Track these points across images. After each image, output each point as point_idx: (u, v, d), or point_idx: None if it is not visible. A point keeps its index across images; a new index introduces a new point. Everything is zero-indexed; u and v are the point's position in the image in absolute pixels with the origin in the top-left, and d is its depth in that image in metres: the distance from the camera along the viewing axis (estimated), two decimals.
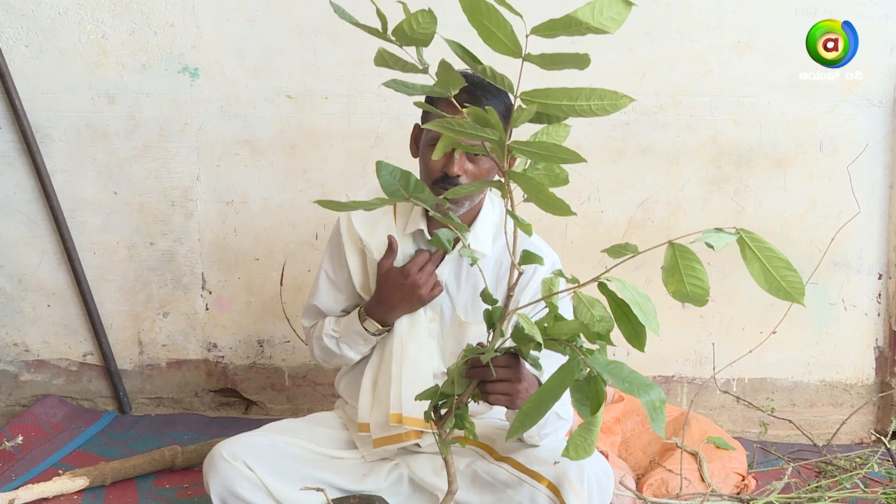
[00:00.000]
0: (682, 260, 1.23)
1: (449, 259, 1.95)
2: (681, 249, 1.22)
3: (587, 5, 1.03)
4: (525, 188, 1.31)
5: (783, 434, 2.63)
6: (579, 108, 1.17)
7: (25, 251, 2.81)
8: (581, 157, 1.21)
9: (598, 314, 1.35)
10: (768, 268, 1.21)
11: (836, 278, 2.71)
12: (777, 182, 2.69)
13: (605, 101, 1.15)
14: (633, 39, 2.62)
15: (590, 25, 1.03)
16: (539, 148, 1.25)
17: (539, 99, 1.19)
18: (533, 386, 1.67)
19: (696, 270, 1.22)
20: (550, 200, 1.27)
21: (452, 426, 1.56)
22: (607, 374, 1.27)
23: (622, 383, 1.24)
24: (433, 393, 1.58)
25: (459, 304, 1.96)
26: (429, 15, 1.17)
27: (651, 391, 1.23)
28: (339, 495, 1.88)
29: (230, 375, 2.85)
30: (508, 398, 1.62)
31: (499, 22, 1.10)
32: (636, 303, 1.27)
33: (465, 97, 1.78)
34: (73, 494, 2.21)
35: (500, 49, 1.12)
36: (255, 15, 2.68)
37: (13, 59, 2.70)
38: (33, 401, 2.84)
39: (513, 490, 1.80)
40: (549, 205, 1.28)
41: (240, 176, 2.75)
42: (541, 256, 1.45)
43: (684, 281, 1.23)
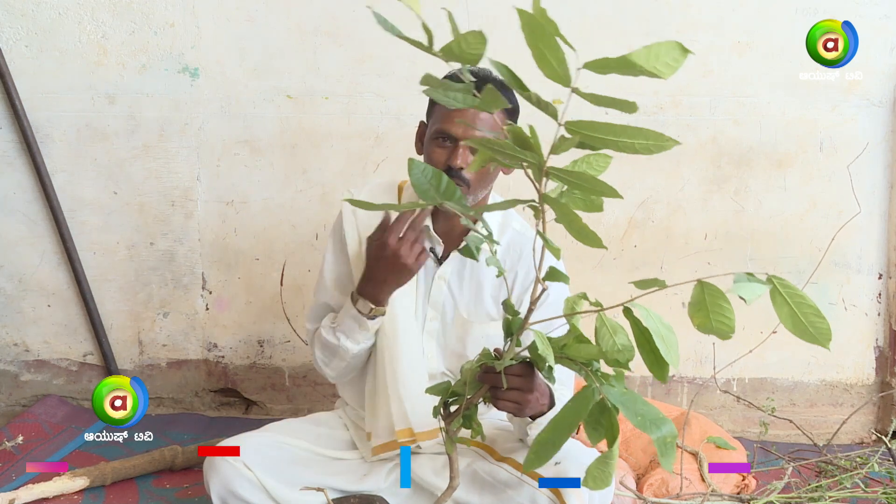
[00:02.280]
0: (709, 297, 1.23)
1: (453, 257, 1.94)
2: (709, 288, 1.22)
3: (644, 49, 1.02)
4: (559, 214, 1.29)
5: (783, 434, 2.63)
6: (622, 144, 1.16)
7: (25, 251, 2.81)
8: (618, 194, 1.20)
9: (621, 342, 1.34)
10: (797, 313, 1.23)
11: (837, 278, 2.71)
12: (777, 182, 2.69)
13: (649, 142, 1.15)
14: (632, 39, 2.60)
15: (643, 69, 1.03)
16: (578, 178, 1.23)
17: (584, 130, 1.17)
18: (544, 396, 1.67)
19: (724, 308, 1.22)
20: (584, 231, 1.26)
21: (460, 425, 1.56)
22: (621, 406, 1.27)
23: (635, 417, 1.25)
24: (444, 389, 1.58)
25: (462, 303, 1.95)
26: (478, 36, 1.15)
27: (663, 427, 1.23)
28: (339, 495, 1.88)
29: (230, 375, 2.85)
30: (517, 406, 1.61)
31: (554, 49, 1.09)
32: (660, 334, 1.27)
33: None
34: (73, 494, 2.21)
35: (551, 75, 1.11)
36: (255, 15, 2.68)
37: (13, 58, 2.69)
38: (33, 401, 2.84)
39: (513, 490, 1.79)
40: (582, 234, 1.27)
41: (240, 176, 2.75)
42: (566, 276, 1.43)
43: (710, 317, 1.23)
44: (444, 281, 1.95)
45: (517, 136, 1.23)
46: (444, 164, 1.81)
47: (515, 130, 1.24)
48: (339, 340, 1.90)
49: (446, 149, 1.82)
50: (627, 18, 2.61)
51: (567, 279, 1.42)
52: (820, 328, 1.24)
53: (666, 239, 2.72)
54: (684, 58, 1.03)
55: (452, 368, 1.96)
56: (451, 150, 1.81)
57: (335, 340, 1.91)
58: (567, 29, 1.11)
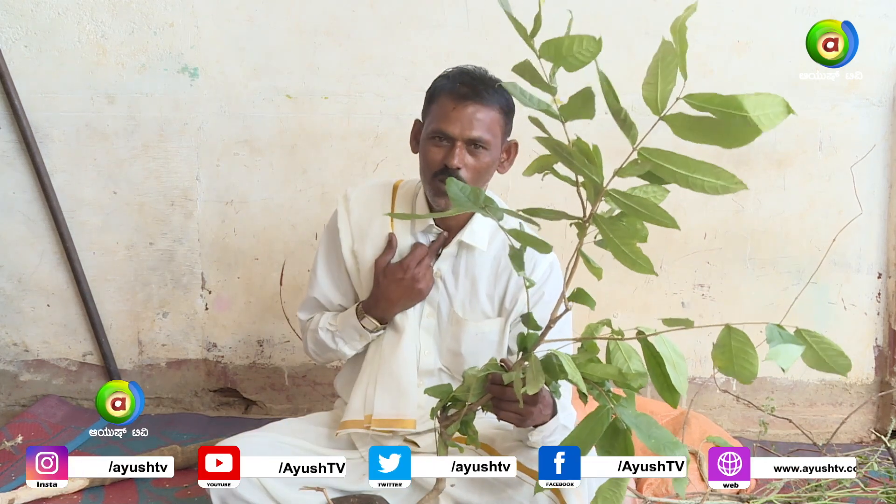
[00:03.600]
0: (735, 342, 1.23)
1: (447, 254, 1.95)
2: (736, 333, 1.22)
3: (753, 96, 1.01)
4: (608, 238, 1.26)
5: (783, 433, 2.63)
6: (692, 180, 1.14)
7: (25, 251, 2.81)
8: (676, 224, 1.19)
9: (635, 368, 1.34)
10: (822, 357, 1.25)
11: (836, 277, 2.71)
12: (777, 182, 2.69)
13: (719, 182, 1.13)
14: (632, 39, 2.62)
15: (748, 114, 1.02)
16: (640, 204, 1.21)
17: (657, 159, 1.15)
18: (548, 408, 1.68)
19: (748, 354, 1.23)
20: (634, 255, 1.25)
21: (456, 429, 1.56)
22: (635, 428, 1.28)
23: (649, 439, 1.25)
24: (445, 392, 1.58)
25: (457, 301, 1.95)
26: (595, 43, 1.12)
27: (677, 450, 1.24)
28: (339, 495, 1.88)
29: (230, 375, 2.85)
30: (520, 418, 1.63)
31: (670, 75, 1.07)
32: (672, 361, 1.28)
33: (466, 90, 1.80)
34: (73, 494, 2.22)
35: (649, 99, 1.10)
36: (255, 15, 2.68)
37: (12, 58, 2.69)
38: (33, 401, 2.84)
39: (513, 490, 1.80)
40: (631, 260, 1.26)
41: (239, 176, 2.75)
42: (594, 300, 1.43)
43: (733, 361, 1.23)
44: (440, 277, 1.95)
45: (583, 151, 1.21)
46: (440, 164, 1.82)
47: (582, 145, 1.22)
48: (338, 345, 1.98)
49: (443, 148, 1.83)
50: (627, 18, 2.61)
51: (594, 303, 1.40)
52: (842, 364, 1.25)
53: (665, 238, 2.72)
54: (785, 116, 1.02)
55: (448, 365, 1.97)
56: (449, 150, 1.82)
57: (333, 345, 1.99)
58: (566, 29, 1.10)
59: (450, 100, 1.82)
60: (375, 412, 1.89)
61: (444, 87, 1.85)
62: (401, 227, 1.96)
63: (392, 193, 2.02)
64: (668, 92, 1.07)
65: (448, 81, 1.86)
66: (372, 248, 1.95)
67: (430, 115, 1.87)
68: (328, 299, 2.05)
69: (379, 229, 1.96)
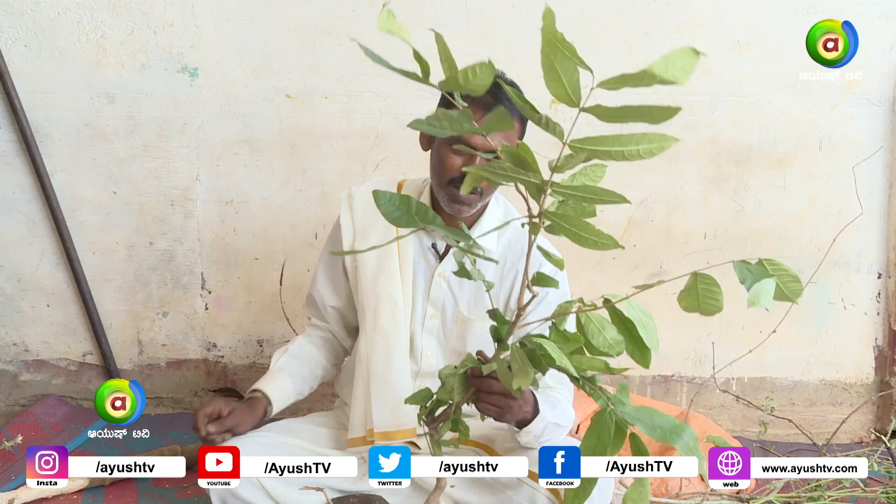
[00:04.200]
0: (701, 286, 1.25)
1: (452, 254, 1.95)
2: (703, 278, 1.25)
3: (661, 60, 1.02)
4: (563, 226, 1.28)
5: (783, 433, 2.63)
6: (628, 153, 1.16)
7: (25, 251, 2.81)
8: (625, 199, 1.21)
9: (612, 337, 1.34)
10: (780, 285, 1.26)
11: (836, 277, 2.71)
12: (776, 181, 2.69)
13: (652, 145, 1.15)
14: (632, 39, 2.62)
15: (662, 78, 1.02)
16: (583, 191, 1.24)
17: (589, 146, 1.17)
18: (528, 404, 1.68)
19: (714, 293, 1.26)
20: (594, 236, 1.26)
21: (447, 429, 1.57)
22: (638, 423, 1.28)
23: (653, 431, 1.26)
24: (424, 397, 1.59)
25: (462, 301, 1.95)
26: (487, 68, 1.15)
27: (684, 434, 1.25)
28: (339, 495, 1.88)
29: (230, 375, 2.85)
30: (499, 411, 1.63)
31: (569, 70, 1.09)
32: (641, 322, 1.28)
33: (488, 98, 1.77)
34: (73, 494, 2.21)
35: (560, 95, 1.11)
36: (255, 15, 2.68)
37: (12, 58, 2.69)
38: (33, 400, 2.84)
39: (512, 491, 1.80)
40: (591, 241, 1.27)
41: (239, 176, 2.75)
42: (556, 280, 1.44)
43: (699, 300, 1.25)
44: (444, 278, 1.95)
45: (515, 158, 1.23)
46: (458, 171, 1.81)
47: (512, 152, 1.24)
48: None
49: (462, 157, 1.81)
50: (627, 18, 2.61)
51: (556, 284, 1.42)
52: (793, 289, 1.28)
53: (665, 238, 2.72)
54: (697, 60, 1.03)
55: None
56: (468, 159, 1.80)
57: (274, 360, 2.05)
58: (566, 28, 1.11)
59: (473, 110, 1.80)
60: (375, 425, 1.89)
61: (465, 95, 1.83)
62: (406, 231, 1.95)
63: (397, 192, 2.01)
64: (575, 83, 1.09)
65: None
66: (372, 253, 1.95)
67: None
68: (322, 299, 2.06)
69: (383, 228, 1.95)
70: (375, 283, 1.94)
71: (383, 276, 1.93)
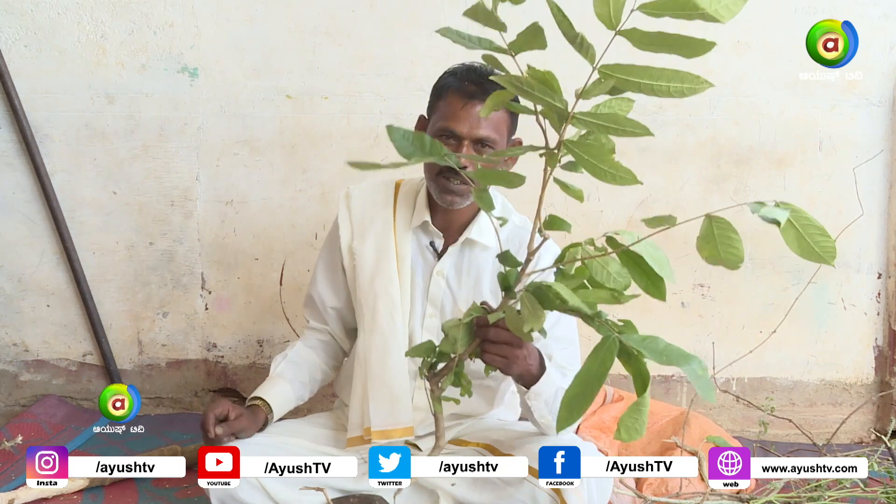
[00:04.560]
0: (717, 230, 1.23)
1: (451, 251, 1.95)
2: (717, 221, 1.22)
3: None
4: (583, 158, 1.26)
5: (783, 433, 2.63)
6: (658, 87, 1.14)
7: (25, 251, 2.81)
8: (649, 131, 1.19)
9: (615, 270, 1.33)
10: (803, 235, 1.23)
11: (836, 277, 2.71)
12: (776, 181, 2.69)
13: (684, 84, 1.13)
14: None
15: (705, 11, 1.01)
16: (607, 120, 1.22)
17: (619, 74, 1.15)
18: (532, 356, 1.68)
19: (732, 240, 1.23)
20: (613, 168, 1.24)
21: (449, 383, 1.56)
22: (645, 350, 1.26)
23: (660, 356, 1.24)
24: (428, 349, 1.58)
25: (461, 298, 1.95)
26: None
27: (691, 361, 1.23)
28: (339, 495, 1.88)
29: (230, 375, 2.85)
30: (505, 361, 1.62)
31: None
32: (649, 253, 1.26)
33: (474, 88, 1.80)
34: (73, 494, 2.21)
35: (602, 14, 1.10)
36: (255, 15, 2.68)
37: (12, 58, 2.69)
38: (33, 401, 2.84)
39: (513, 489, 1.80)
40: (611, 175, 1.25)
41: (239, 176, 2.75)
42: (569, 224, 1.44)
43: (718, 248, 1.23)
44: (443, 276, 1.95)
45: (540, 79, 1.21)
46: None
47: (537, 73, 1.21)
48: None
49: (450, 146, 1.83)
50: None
51: (569, 227, 1.41)
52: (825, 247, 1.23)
53: (665, 238, 2.70)
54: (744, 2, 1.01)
55: None
56: (455, 148, 1.82)
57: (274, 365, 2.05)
58: None
59: (458, 98, 1.82)
60: (373, 424, 1.89)
61: (452, 84, 1.85)
62: (402, 226, 1.96)
63: (394, 192, 2.02)
64: (621, 5, 1.08)
65: (456, 79, 1.86)
66: (372, 246, 1.96)
67: (438, 113, 1.86)
68: (321, 299, 2.07)
69: (381, 227, 1.96)
70: (373, 282, 1.94)
71: (381, 275, 1.94)
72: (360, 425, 1.92)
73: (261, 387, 1.99)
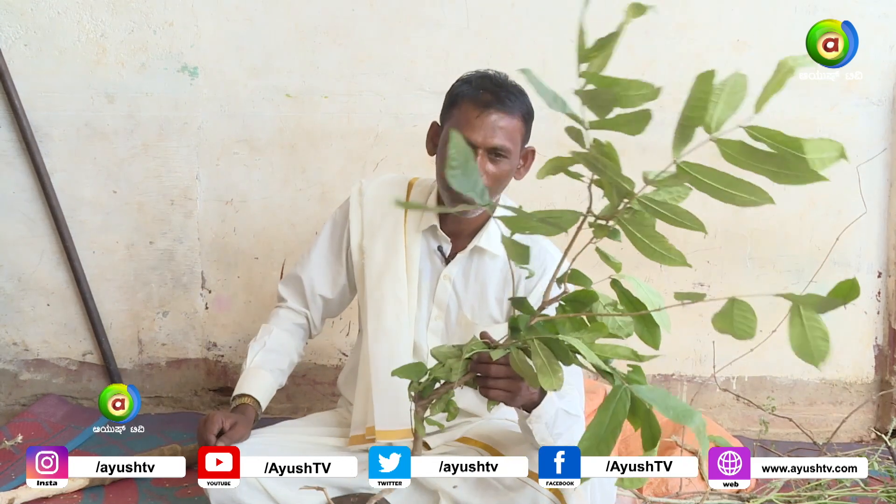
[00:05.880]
0: (737, 311, 1.24)
1: (459, 258, 1.95)
2: (739, 304, 1.23)
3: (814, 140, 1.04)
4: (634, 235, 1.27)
5: (783, 432, 2.63)
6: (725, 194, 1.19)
7: (25, 251, 2.81)
8: (704, 228, 1.21)
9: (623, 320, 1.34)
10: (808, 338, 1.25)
11: (836, 277, 2.69)
12: None
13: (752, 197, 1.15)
14: (632, 38, 2.60)
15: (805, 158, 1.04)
16: (668, 210, 1.23)
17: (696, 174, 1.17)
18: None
19: (749, 319, 1.24)
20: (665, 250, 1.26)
21: (439, 409, 1.56)
22: (653, 402, 1.28)
23: (668, 411, 1.26)
24: (418, 371, 1.58)
25: (466, 304, 1.95)
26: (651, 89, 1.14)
27: (696, 417, 1.24)
28: (339, 494, 1.88)
29: (230, 374, 2.85)
30: (509, 395, 1.61)
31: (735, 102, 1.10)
32: (650, 301, 1.27)
33: (489, 97, 1.79)
34: (73, 494, 2.22)
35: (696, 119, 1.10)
36: (255, 14, 2.68)
37: (12, 58, 2.69)
38: (33, 400, 2.84)
39: (515, 493, 1.79)
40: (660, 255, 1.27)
41: (239, 175, 2.75)
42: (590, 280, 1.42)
43: (733, 324, 1.24)
44: (450, 280, 1.95)
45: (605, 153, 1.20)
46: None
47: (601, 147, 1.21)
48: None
49: None
50: None
51: (590, 283, 1.41)
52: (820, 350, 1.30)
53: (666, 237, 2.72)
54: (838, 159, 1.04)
55: None
56: None
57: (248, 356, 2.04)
58: (566, 27, 1.11)
59: (473, 106, 1.80)
60: (376, 424, 1.89)
61: (467, 93, 1.82)
62: (412, 227, 1.95)
63: (407, 191, 2.01)
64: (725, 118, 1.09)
65: (471, 87, 1.83)
66: (382, 244, 1.95)
67: (451, 120, 1.84)
68: (312, 285, 2.06)
69: (392, 227, 1.95)
70: (381, 282, 1.94)
71: (390, 276, 1.93)
72: (364, 424, 1.92)
73: (244, 382, 1.99)
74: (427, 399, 1.56)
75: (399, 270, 1.93)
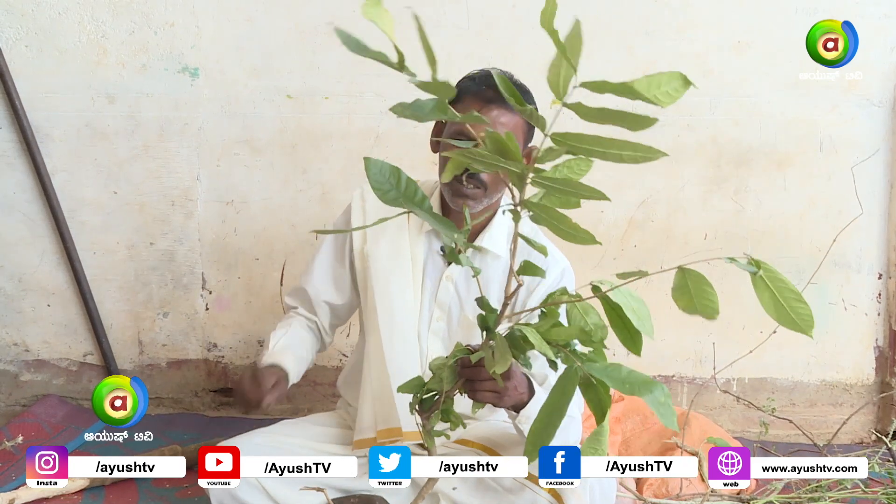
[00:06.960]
0: (691, 282, 1.24)
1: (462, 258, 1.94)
2: (690, 273, 1.23)
3: (645, 78, 1.02)
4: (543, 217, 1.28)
5: (783, 434, 2.63)
6: (610, 155, 1.15)
7: (25, 251, 2.81)
8: (604, 196, 1.21)
9: (593, 321, 1.34)
10: (779, 298, 1.24)
11: (836, 278, 2.71)
12: (777, 182, 2.69)
13: (637, 153, 1.14)
14: (632, 39, 2.62)
15: (643, 96, 1.02)
16: (563, 184, 1.24)
17: (570, 142, 1.17)
18: (522, 385, 1.68)
19: (707, 292, 1.24)
20: (573, 230, 1.26)
21: (438, 419, 1.57)
22: (606, 378, 1.27)
23: (622, 385, 1.24)
24: (417, 386, 1.58)
25: (468, 305, 1.95)
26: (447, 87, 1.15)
27: (654, 388, 1.22)
28: (340, 495, 1.88)
29: (230, 375, 2.85)
30: (496, 396, 1.62)
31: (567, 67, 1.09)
32: (630, 307, 1.27)
33: (492, 93, 1.79)
34: (73, 494, 2.22)
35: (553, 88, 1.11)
36: (255, 15, 2.68)
37: (13, 58, 2.69)
38: (33, 400, 2.84)
39: (514, 495, 1.79)
40: (570, 235, 1.27)
41: (240, 176, 2.75)
42: (543, 269, 1.43)
43: (693, 300, 1.23)
44: (452, 281, 1.95)
45: (497, 144, 1.23)
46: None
47: (494, 137, 1.23)
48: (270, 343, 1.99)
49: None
50: (627, 18, 2.61)
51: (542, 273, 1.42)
52: (801, 314, 1.23)
53: (666, 239, 2.72)
54: (686, 89, 1.03)
55: None
56: None
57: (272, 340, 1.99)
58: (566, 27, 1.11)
59: (475, 102, 1.80)
60: (383, 426, 1.88)
61: (470, 89, 1.83)
62: (415, 228, 1.95)
63: None
64: (569, 79, 1.09)
65: (474, 84, 1.84)
66: (386, 248, 1.94)
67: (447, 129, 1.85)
68: (317, 292, 2.03)
69: (395, 230, 1.94)
70: (390, 285, 1.93)
71: (396, 278, 1.93)
72: (372, 427, 1.90)
73: (274, 353, 1.94)
74: (429, 411, 1.57)
75: (405, 272, 1.93)
